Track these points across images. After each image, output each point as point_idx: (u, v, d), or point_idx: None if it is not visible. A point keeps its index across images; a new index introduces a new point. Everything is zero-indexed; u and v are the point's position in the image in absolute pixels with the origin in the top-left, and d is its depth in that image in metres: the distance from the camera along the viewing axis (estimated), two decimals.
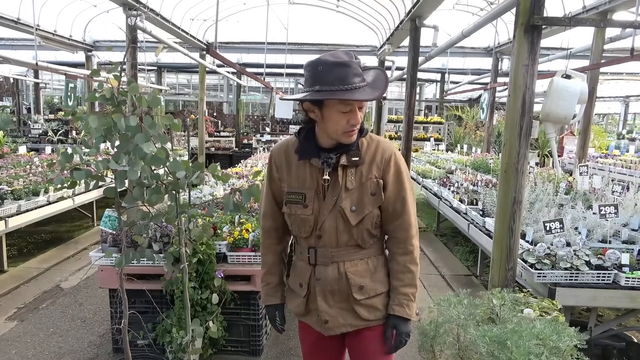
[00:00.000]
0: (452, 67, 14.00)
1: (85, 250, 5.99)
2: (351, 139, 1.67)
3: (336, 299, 1.75)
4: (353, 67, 1.57)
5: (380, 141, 1.77)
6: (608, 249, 3.12)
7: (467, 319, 0.79)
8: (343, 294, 1.73)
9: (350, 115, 1.62)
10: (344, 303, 1.74)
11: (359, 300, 1.72)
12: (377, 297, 1.75)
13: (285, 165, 1.79)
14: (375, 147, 1.74)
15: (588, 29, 7.83)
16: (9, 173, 6.15)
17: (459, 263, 5.80)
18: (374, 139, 1.78)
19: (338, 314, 1.75)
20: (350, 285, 1.72)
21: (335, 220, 1.70)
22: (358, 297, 1.72)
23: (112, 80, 2.04)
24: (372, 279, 1.75)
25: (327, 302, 1.75)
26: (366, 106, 1.72)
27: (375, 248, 1.79)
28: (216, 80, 19.73)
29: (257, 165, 7.18)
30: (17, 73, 14.67)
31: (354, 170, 1.71)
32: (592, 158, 9.46)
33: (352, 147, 1.69)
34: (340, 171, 1.70)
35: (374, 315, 1.75)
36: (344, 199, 1.69)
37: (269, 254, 1.94)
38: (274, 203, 1.87)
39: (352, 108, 1.62)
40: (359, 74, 1.59)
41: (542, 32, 2.88)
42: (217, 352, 3.26)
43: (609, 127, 22.95)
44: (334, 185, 1.70)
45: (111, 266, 3.18)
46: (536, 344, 0.77)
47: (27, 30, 8.85)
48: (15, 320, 3.99)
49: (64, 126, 12.68)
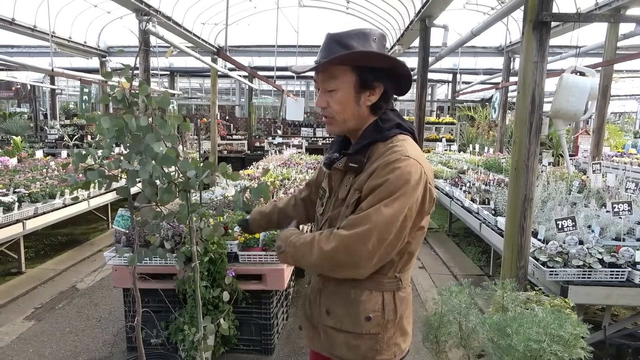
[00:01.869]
0: (463, 67, 13.94)
1: (100, 252, 6.09)
2: (328, 128, 1.49)
3: (310, 311, 1.60)
4: (324, 42, 1.42)
5: (396, 146, 1.40)
6: (622, 247, 3.08)
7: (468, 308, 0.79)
8: (317, 310, 1.56)
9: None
10: (315, 319, 1.57)
11: (325, 325, 1.51)
12: (340, 332, 1.47)
13: None
14: (382, 154, 1.40)
15: (601, 26, 7.73)
16: (26, 177, 6.28)
17: (471, 263, 5.77)
18: (394, 143, 1.42)
19: (309, 327, 1.61)
20: (320, 304, 1.53)
21: (326, 228, 1.50)
22: (324, 321, 1.51)
23: (124, 82, 2.09)
24: (345, 311, 1.46)
25: (304, 311, 1.63)
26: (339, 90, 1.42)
27: (369, 280, 1.43)
28: (228, 84, 19.92)
29: (269, 167, 7.22)
30: (34, 80, 14.98)
31: (351, 177, 1.45)
32: (607, 157, 9.33)
33: (354, 150, 1.45)
34: (340, 176, 1.50)
35: (335, 351, 1.49)
36: (332, 209, 1.52)
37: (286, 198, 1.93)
38: (314, 181, 1.82)
39: (318, 86, 1.46)
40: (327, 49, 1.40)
41: (550, 28, 2.87)
42: (229, 350, 3.30)
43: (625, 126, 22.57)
44: (331, 190, 1.55)
45: (125, 266, 3.23)
46: (537, 331, 0.78)
47: (43, 37, 9.03)
48: (33, 319, 4.08)
49: (79, 131, 12.90)
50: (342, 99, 1.43)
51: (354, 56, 1.38)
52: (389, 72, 1.43)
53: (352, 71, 1.41)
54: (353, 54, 1.37)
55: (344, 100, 1.43)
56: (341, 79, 1.42)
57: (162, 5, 7.50)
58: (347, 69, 1.40)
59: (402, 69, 1.43)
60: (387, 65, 1.42)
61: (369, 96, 1.44)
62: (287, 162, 7.86)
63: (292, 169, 6.78)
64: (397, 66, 1.42)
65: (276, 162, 7.84)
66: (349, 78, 1.41)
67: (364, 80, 1.41)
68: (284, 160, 8.21)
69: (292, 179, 6.00)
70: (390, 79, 1.44)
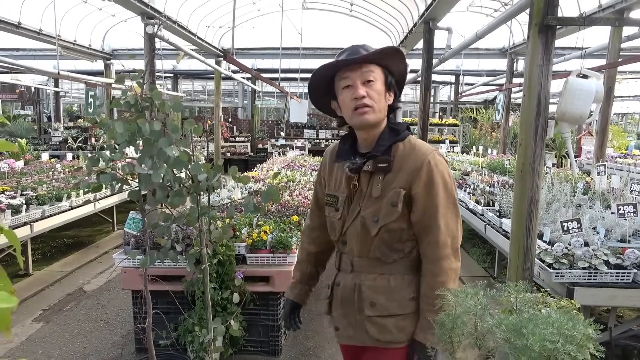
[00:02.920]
0: (466, 69, 13.97)
1: (107, 254, 6.13)
2: (364, 118, 1.56)
3: (349, 309, 1.67)
4: (349, 50, 1.58)
5: (417, 146, 1.61)
6: (627, 249, 3.10)
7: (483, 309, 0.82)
8: (356, 305, 1.65)
9: (353, 90, 1.55)
10: (357, 315, 1.65)
11: (370, 316, 1.61)
12: (390, 318, 1.60)
13: (329, 167, 1.78)
14: (408, 153, 1.59)
15: (604, 28, 7.75)
16: (33, 179, 6.33)
17: (476, 265, 5.79)
18: (412, 143, 1.62)
19: (349, 324, 1.68)
20: (362, 299, 1.62)
21: (357, 228, 1.62)
22: (369, 312, 1.61)
23: (135, 87, 2.13)
24: (389, 298, 1.60)
25: (341, 310, 1.70)
26: (377, 82, 1.57)
27: (401, 266, 1.62)
28: (231, 87, 19.98)
29: (272, 169, 7.26)
30: (38, 82, 15.05)
31: (382, 177, 1.59)
32: (611, 158, 9.33)
33: (380, 151, 1.58)
34: (367, 177, 1.61)
35: (384, 337, 1.60)
36: (366, 208, 1.61)
37: (300, 250, 1.99)
38: (316, 202, 1.88)
39: (352, 83, 1.55)
40: (355, 52, 1.56)
41: (556, 32, 2.89)
42: (237, 351, 3.33)
43: (629, 127, 22.55)
44: (361, 191, 1.63)
45: (134, 268, 3.27)
46: (551, 332, 0.80)
47: (48, 40, 9.11)
48: (41, 321, 4.11)
49: (83, 133, 12.97)
50: (379, 90, 1.59)
51: (390, 51, 1.57)
52: (396, 81, 1.66)
53: (382, 71, 1.60)
54: (391, 48, 1.57)
55: (381, 91, 1.59)
56: (377, 73, 1.58)
57: (167, 8, 7.55)
58: (379, 67, 1.59)
59: (402, 83, 1.68)
60: (400, 72, 1.64)
61: (389, 97, 1.63)
62: (291, 164, 7.89)
63: (297, 171, 6.81)
64: (403, 77, 1.66)
65: (280, 164, 7.87)
66: (381, 75, 1.60)
67: (388, 81, 1.61)
68: (288, 162, 8.24)
69: (297, 180, 6.03)
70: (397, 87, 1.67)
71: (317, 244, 1.91)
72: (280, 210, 4.22)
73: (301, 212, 4.22)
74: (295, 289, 1.93)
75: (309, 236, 1.93)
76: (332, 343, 3.66)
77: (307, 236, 1.94)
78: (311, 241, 1.92)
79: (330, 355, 3.50)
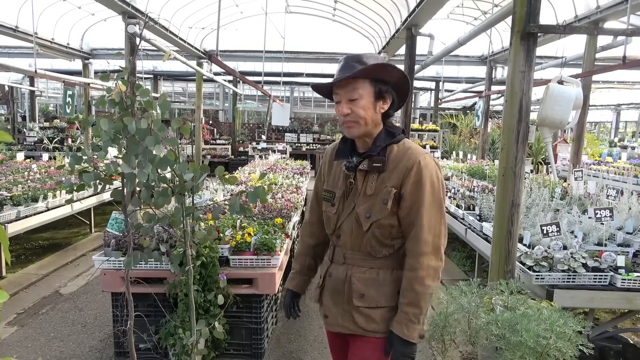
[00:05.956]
0: (446, 76, 14.16)
1: (84, 256, 5.99)
2: (349, 131, 1.71)
3: (339, 299, 1.78)
4: (342, 62, 1.68)
5: (410, 148, 1.72)
6: (604, 252, 3.18)
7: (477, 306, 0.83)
8: (345, 296, 1.76)
9: (338, 107, 1.71)
10: (345, 305, 1.76)
11: (358, 306, 1.73)
12: (377, 309, 1.71)
13: (329, 164, 1.90)
14: (402, 154, 1.70)
15: (580, 39, 7.97)
16: (7, 180, 6.15)
17: (456, 268, 5.86)
18: (407, 145, 1.73)
19: (338, 313, 1.79)
20: (352, 290, 1.74)
21: (351, 223, 1.74)
22: (357, 303, 1.72)
23: (120, 85, 2.10)
24: (377, 291, 1.71)
25: (331, 299, 1.82)
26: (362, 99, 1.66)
27: (391, 261, 1.74)
28: (212, 89, 19.81)
29: (255, 172, 7.22)
30: (13, 81, 14.67)
31: (376, 176, 1.70)
32: (585, 165, 9.57)
33: (375, 152, 1.69)
34: (363, 176, 1.73)
35: (370, 327, 1.72)
36: (360, 204, 1.71)
37: (300, 244, 2.09)
38: (317, 198, 1.98)
39: (339, 99, 1.70)
40: (348, 67, 1.65)
41: (537, 39, 2.96)
42: (219, 355, 3.28)
43: (601, 135, 23.21)
44: (356, 189, 1.74)
45: (114, 270, 3.20)
46: (544, 328, 0.82)
47: (25, 38, 8.89)
48: (16, 325, 3.99)
49: (59, 134, 12.68)
50: (365, 106, 1.67)
51: (377, 68, 1.63)
52: (394, 85, 1.72)
53: (371, 84, 1.67)
54: (377, 66, 1.63)
55: (367, 107, 1.68)
56: (363, 89, 1.66)
57: (149, 8, 7.46)
58: (367, 81, 1.66)
59: (405, 84, 1.73)
60: (396, 78, 1.69)
61: (382, 105, 1.71)
62: (272, 167, 7.86)
63: (279, 174, 6.79)
64: (402, 81, 1.71)
65: (262, 167, 7.84)
66: (369, 89, 1.67)
67: (379, 91, 1.68)
68: (269, 166, 8.21)
69: (280, 183, 6.01)
70: (395, 92, 1.73)
71: (317, 237, 2.02)
72: (263, 213, 4.20)
73: (284, 215, 4.20)
74: (294, 280, 2.04)
75: (309, 230, 2.04)
76: (315, 346, 3.65)
77: (307, 230, 2.05)
78: (311, 234, 2.03)
79: (313, 358, 3.49)
